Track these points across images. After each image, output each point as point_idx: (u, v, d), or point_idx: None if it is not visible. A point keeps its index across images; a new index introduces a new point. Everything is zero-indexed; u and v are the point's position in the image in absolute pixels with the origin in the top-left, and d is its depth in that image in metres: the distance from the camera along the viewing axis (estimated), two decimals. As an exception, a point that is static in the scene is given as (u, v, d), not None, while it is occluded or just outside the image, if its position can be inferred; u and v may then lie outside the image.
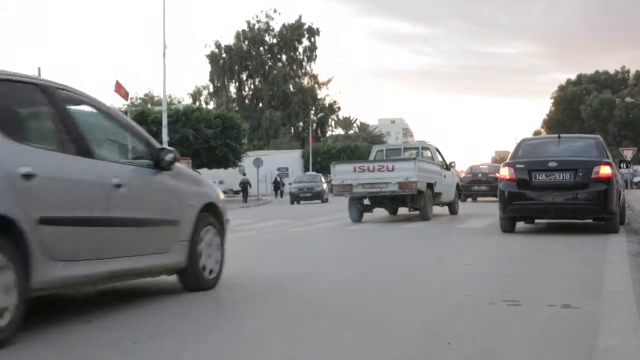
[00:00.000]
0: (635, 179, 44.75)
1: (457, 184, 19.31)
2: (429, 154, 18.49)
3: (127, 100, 29.02)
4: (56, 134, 4.80)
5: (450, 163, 19.37)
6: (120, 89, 26.86)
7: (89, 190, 4.82)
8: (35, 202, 4.23)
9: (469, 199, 27.31)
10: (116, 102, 37.34)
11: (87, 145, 4.90)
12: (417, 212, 16.78)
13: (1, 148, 4.13)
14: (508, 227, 11.77)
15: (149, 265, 5.49)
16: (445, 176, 17.76)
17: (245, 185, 37.79)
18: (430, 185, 16.35)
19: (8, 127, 4.29)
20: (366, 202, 16.75)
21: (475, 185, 26.80)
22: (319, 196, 35.46)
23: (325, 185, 36.89)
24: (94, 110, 5.33)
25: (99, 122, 5.40)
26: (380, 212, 17.74)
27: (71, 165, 4.71)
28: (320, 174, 42.02)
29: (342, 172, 16.45)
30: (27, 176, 4.20)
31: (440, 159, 18.46)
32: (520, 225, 12.35)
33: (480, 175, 27.18)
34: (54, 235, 4.39)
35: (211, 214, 6.22)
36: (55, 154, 4.63)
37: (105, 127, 5.51)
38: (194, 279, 5.94)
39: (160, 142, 29.46)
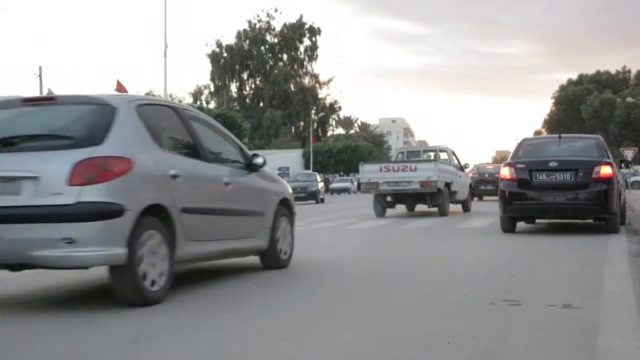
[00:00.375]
0: (631, 179, 44.55)
1: (470, 184, 20.95)
2: (445, 156, 20.21)
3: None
4: (187, 144, 6.16)
5: (465, 164, 21.32)
6: (121, 88, 27.03)
7: (209, 187, 6.23)
8: (179, 196, 5.57)
9: (475, 198, 27.68)
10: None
11: (206, 153, 6.31)
12: (415, 213, 17.21)
13: (159, 156, 5.52)
14: (508, 227, 11.77)
15: (245, 246, 6.88)
16: (460, 176, 19.27)
17: None
18: (447, 185, 17.83)
19: (161, 140, 5.70)
20: (389, 198, 18.27)
21: (482, 185, 27.48)
22: (313, 196, 35.23)
23: (320, 185, 36.79)
24: (205, 125, 6.68)
25: (209, 134, 6.64)
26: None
27: (198, 168, 6.07)
28: (316, 173, 42.00)
29: (369, 171, 18.11)
30: (174, 176, 5.56)
31: (455, 161, 20.12)
32: (520, 225, 12.35)
33: (487, 175, 28.15)
34: (190, 221, 5.70)
35: (285, 207, 7.60)
36: (188, 160, 5.97)
37: (214, 138, 6.74)
38: (273, 259, 7.31)
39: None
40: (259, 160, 7.00)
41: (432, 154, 20.94)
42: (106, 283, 5.47)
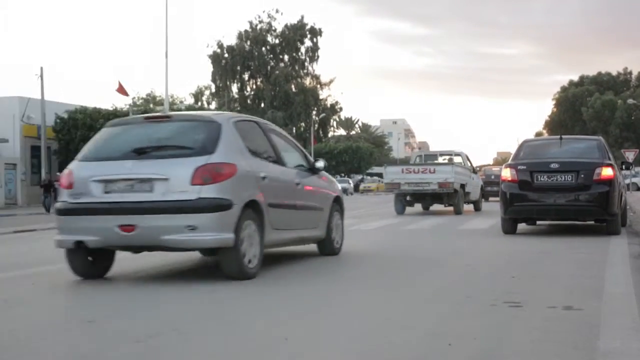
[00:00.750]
0: (626, 180, 44.33)
1: (481, 186, 22.70)
2: (460, 159, 21.89)
3: (126, 95, 29.13)
4: (269, 152, 7.58)
5: (476, 167, 23.27)
6: (121, 90, 27.17)
7: (286, 187, 7.66)
8: (266, 193, 6.95)
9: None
10: (118, 102, 37.33)
11: (282, 158, 7.77)
12: (418, 215, 17.44)
13: (252, 162, 6.94)
14: (509, 228, 11.77)
15: (310, 235, 8.33)
16: (473, 178, 21.14)
17: None
18: (462, 186, 19.66)
19: (252, 149, 7.08)
20: (409, 198, 20.25)
21: (488, 186, 28.26)
22: None
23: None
24: (279, 136, 8.14)
25: (282, 143, 8.08)
26: (382, 215, 17.83)
27: (278, 171, 7.53)
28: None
29: (392, 172, 20.36)
30: (263, 178, 6.98)
31: (469, 164, 21.91)
32: (521, 226, 12.35)
33: (493, 177, 29.05)
34: (273, 214, 7.06)
35: (337, 203, 9.01)
36: (271, 164, 7.43)
37: (285, 146, 8.17)
38: (329, 247, 8.76)
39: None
40: (320, 164, 8.58)
41: (447, 158, 22.67)
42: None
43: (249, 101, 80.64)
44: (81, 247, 6.56)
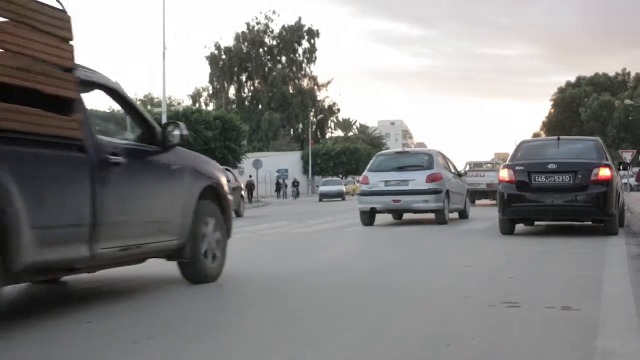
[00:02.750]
0: (623, 180, 44.12)
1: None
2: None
3: None
4: (450, 168, 16.60)
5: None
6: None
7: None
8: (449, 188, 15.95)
9: None
10: (115, 104, 37.29)
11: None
12: (415, 217, 17.26)
13: (447, 173, 16.09)
14: (507, 229, 11.78)
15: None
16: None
17: (250, 186, 37.96)
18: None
19: (447, 166, 16.11)
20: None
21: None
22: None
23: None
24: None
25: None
26: (382, 217, 17.85)
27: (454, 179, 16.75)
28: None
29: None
30: (453, 179, 16.63)
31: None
32: (519, 227, 12.36)
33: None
34: None
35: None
36: (449, 173, 16.27)
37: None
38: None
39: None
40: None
41: (491, 165, 31.12)
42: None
43: (246, 102, 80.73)
44: (372, 210, 15.47)
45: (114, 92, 5.79)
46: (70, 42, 5.08)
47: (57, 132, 4.67)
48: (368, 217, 15.63)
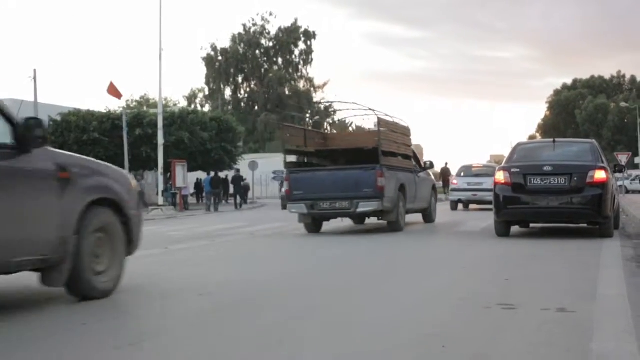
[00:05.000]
0: (619, 183, 44.19)
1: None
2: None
3: (119, 99, 29.02)
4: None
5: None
6: (113, 90, 26.98)
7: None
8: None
9: None
10: (111, 105, 37.30)
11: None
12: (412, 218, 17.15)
13: None
14: (503, 231, 11.79)
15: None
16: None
17: (247, 188, 37.89)
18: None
19: None
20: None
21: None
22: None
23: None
24: None
25: None
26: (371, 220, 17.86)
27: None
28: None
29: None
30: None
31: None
32: (515, 229, 12.37)
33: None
34: None
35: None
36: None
37: None
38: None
39: (156, 145, 29.45)
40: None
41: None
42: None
43: (242, 104, 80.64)
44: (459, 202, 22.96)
45: None
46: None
47: None
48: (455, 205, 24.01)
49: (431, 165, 17.59)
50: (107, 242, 5.81)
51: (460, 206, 24.45)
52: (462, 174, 25.10)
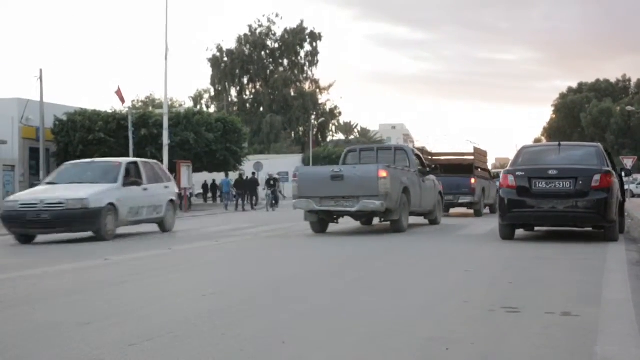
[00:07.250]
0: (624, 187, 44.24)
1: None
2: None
3: (122, 104, 29.28)
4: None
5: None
6: (119, 94, 27.21)
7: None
8: None
9: None
10: (117, 105, 37.45)
11: None
12: (415, 222, 17.15)
13: None
14: (507, 234, 11.77)
15: None
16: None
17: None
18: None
19: None
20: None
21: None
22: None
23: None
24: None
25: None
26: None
27: None
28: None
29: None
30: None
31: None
32: (519, 232, 12.36)
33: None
34: None
35: None
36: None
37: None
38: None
39: (161, 145, 29.50)
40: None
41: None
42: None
43: (247, 105, 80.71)
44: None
45: None
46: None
47: None
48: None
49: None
50: None
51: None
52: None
